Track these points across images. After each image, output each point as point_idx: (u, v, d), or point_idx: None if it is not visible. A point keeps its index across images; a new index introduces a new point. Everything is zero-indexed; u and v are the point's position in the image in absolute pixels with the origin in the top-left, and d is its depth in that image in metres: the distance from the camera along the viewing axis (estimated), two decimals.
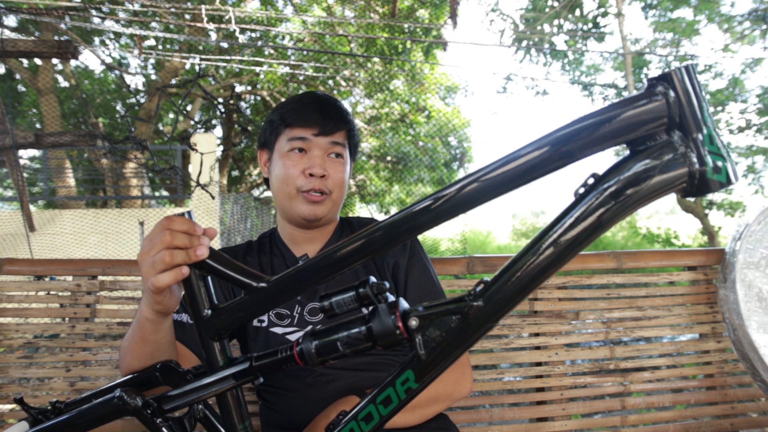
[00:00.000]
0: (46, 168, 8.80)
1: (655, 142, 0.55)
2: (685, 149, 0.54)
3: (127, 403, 0.74)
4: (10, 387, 1.28)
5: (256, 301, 0.70)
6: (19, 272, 1.32)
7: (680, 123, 0.54)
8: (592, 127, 0.55)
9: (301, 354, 0.66)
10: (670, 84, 0.54)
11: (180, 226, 0.70)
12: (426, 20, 9.48)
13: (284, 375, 1.02)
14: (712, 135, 0.54)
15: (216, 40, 8.51)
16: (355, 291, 0.64)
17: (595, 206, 0.55)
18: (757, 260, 1.43)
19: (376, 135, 10.66)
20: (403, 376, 0.63)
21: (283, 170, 1.04)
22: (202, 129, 9.77)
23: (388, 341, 0.63)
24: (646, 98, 0.54)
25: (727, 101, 8.92)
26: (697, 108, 0.54)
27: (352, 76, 10.11)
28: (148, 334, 0.80)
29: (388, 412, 0.64)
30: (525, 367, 1.43)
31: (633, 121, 0.54)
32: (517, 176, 0.57)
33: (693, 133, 0.54)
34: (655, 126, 0.54)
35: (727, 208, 8.79)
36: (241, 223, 9.45)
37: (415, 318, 0.61)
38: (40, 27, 8.35)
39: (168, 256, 0.68)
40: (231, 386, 0.72)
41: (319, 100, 1.07)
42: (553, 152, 0.56)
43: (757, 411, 1.50)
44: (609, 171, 0.56)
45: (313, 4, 9.70)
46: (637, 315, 1.49)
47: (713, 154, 0.54)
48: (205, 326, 0.72)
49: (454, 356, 0.61)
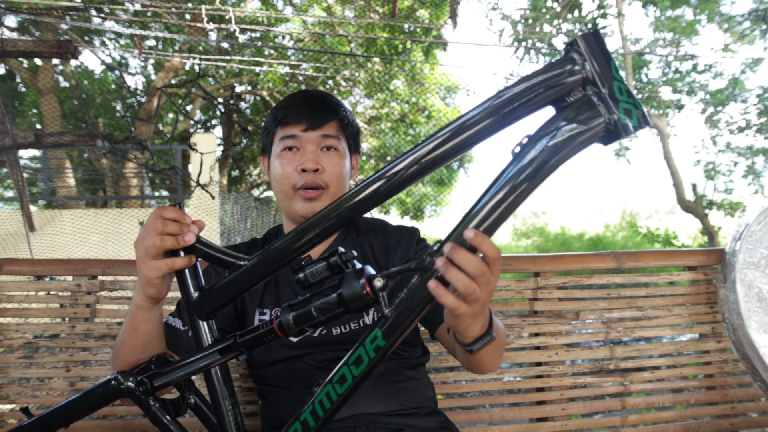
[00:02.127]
0: (46, 168, 8.80)
1: (574, 99, 0.63)
2: (600, 101, 0.61)
3: (122, 383, 0.80)
4: (10, 387, 1.28)
5: (238, 277, 0.76)
6: (19, 272, 1.32)
7: (592, 79, 0.62)
8: (521, 93, 0.63)
9: (281, 325, 0.71)
10: (579, 48, 0.62)
11: (170, 214, 0.77)
12: (426, 20, 9.48)
13: (284, 375, 1.02)
14: (621, 86, 0.61)
15: (216, 40, 8.51)
16: (326, 261, 0.69)
17: (531, 163, 0.62)
18: (757, 260, 1.43)
19: (376, 135, 10.66)
20: (371, 335, 0.67)
21: (279, 170, 1.04)
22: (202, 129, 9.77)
23: (358, 304, 0.67)
24: (563, 63, 0.63)
25: (727, 101, 8.93)
26: (606, 65, 0.61)
27: (352, 76, 10.11)
28: (139, 323, 0.83)
29: (361, 372, 0.68)
30: (525, 367, 1.43)
31: (553, 83, 0.62)
32: (465, 143, 0.65)
33: (604, 86, 0.61)
34: (572, 84, 0.62)
35: (727, 208, 8.79)
36: (241, 223, 9.45)
37: (380, 279, 0.66)
38: (40, 27, 8.35)
39: (159, 241, 0.75)
40: (217, 361, 0.77)
41: (307, 95, 1.07)
42: (495, 119, 0.64)
43: (757, 411, 1.50)
44: (539, 130, 0.63)
45: (313, 4, 9.70)
46: (637, 315, 1.49)
47: (624, 102, 0.61)
48: (194, 307, 0.78)
49: (416, 312, 0.65)
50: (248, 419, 1.29)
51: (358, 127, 1.13)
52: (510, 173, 0.62)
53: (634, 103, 0.60)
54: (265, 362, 1.04)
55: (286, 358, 1.02)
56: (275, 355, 1.03)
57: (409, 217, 11.54)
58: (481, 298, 0.64)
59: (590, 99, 0.61)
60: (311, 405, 0.70)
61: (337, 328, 1.02)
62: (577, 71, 0.62)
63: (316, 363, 1.00)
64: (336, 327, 1.02)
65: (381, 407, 0.97)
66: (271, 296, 1.06)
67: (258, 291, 1.07)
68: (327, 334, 1.02)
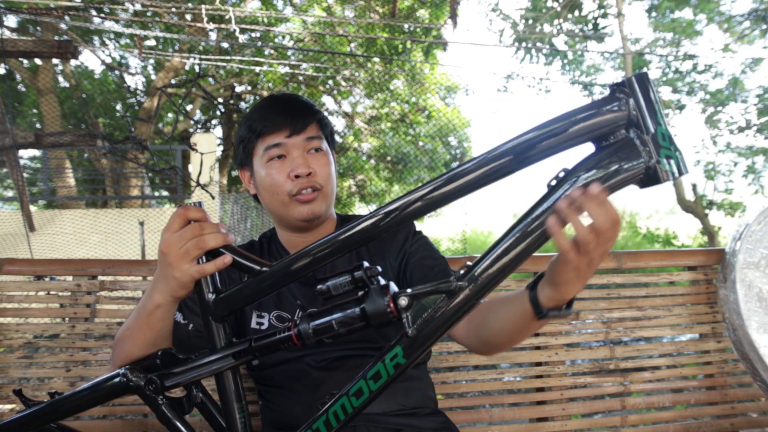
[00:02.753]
0: (46, 168, 8.80)
1: (616, 139, 0.63)
2: (642, 145, 0.62)
3: (131, 380, 0.79)
4: (10, 387, 1.28)
5: (257, 284, 0.75)
6: (19, 272, 1.32)
7: (637, 122, 0.62)
8: (563, 127, 0.63)
9: (299, 334, 0.71)
10: (628, 89, 0.62)
11: (197, 214, 0.77)
12: (426, 20, 9.47)
13: (285, 376, 1.02)
14: (665, 132, 0.61)
15: (216, 40, 8.51)
16: (351, 274, 0.69)
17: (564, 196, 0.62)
18: (757, 260, 1.43)
19: (376, 135, 10.66)
20: (392, 352, 0.68)
21: (269, 180, 1.02)
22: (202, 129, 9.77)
23: (380, 320, 0.67)
24: (608, 102, 0.63)
25: (727, 101, 8.92)
26: (652, 109, 0.62)
27: (352, 76, 10.10)
28: (155, 321, 0.82)
29: (378, 387, 0.68)
30: (525, 367, 1.43)
31: (597, 121, 0.63)
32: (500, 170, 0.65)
33: (648, 131, 0.61)
34: (616, 125, 0.63)
35: (727, 208, 8.78)
36: (241, 223, 9.45)
37: (405, 298, 0.66)
38: (40, 27, 8.35)
39: (201, 243, 0.75)
40: (230, 365, 0.76)
41: (280, 101, 1.05)
42: (529, 150, 0.64)
43: (757, 411, 1.50)
44: (578, 165, 0.64)
45: (313, 4, 9.70)
46: (637, 315, 1.48)
47: (666, 149, 0.61)
48: (209, 308, 0.78)
49: (439, 333, 0.66)
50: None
51: (331, 124, 1.12)
52: (545, 205, 0.63)
53: (675, 150, 0.61)
54: (265, 363, 1.04)
55: (286, 360, 1.02)
56: (275, 357, 1.02)
57: None
58: (592, 254, 0.63)
59: (633, 141, 0.62)
60: (325, 415, 0.71)
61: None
62: (624, 113, 0.62)
63: (316, 363, 1.00)
64: None
65: (381, 407, 0.97)
66: (270, 301, 1.06)
67: None
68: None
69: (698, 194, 8.51)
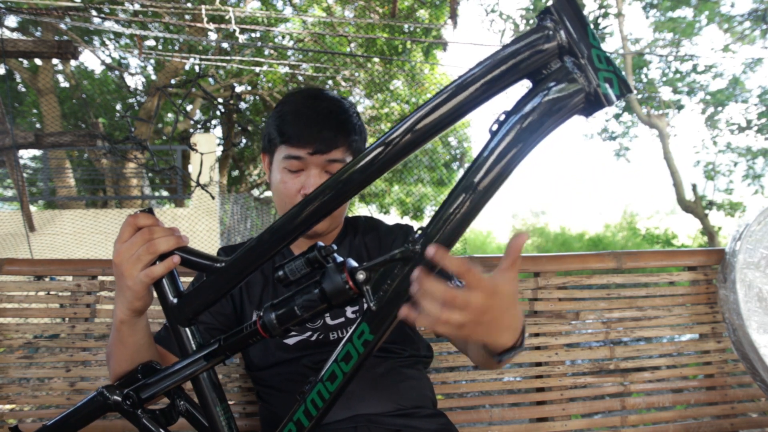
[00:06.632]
0: (46, 168, 8.80)
1: (551, 70, 0.59)
2: (579, 71, 0.58)
3: (108, 398, 0.78)
4: (10, 387, 1.28)
5: (216, 281, 0.74)
6: (19, 272, 1.32)
7: (570, 48, 0.58)
8: (491, 68, 0.59)
9: (264, 326, 0.69)
10: (555, 15, 0.58)
11: (146, 220, 0.75)
12: (426, 20, 9.48)
13: (284, 378, 1.02)
14: (600, 54, 0.57)
15: (216, 40, 8.51)
16: (304, 256, 0.67)
17: (510, 139, 0.58)
18: (757, 260, 1.43)
19: (376, 135, 10.66)
20: (358, 330, 0.65)
21: (282, 187, 1.00)
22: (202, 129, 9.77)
23: (341, 298, 0.65)
24: (536, 32, 0.58)
25: (727, 101, 8.93)
26: (583, 32, 0.57)
27: (352, 76, 10.11)
28: (125, 336, 0.80)
29: (351, 368, 0.66)
30: (525, 367, 1.43)
31: (527, 55, 0.58)
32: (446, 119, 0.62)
33: (582, 54, 0.57)
34: (549, 55, 0.58)
35: (727, 208, 8.79)
36: (241, 223, 9.45)
37: (362, 272, 0.64)
38: (40, 27, 8.35)
39: (152, 248, 0.72)
40: (204, 368, 0.75)
41: (317, 111, 0.98)
42: (469, 95, 0.60)
43: (757, 411, 1.50)
44: (516, 105, 0.60)
45: (313, 4, 9.70)
46: (637, 315, 1.48)
47: (604, 71, 0.57)
48: (174, 313, 0.76)
49: (401, 302, 0.62)
50: (248, 419, 1.29)
51: (365, 140, 1.05)
52: (489, 151, 0.59)
53: (614, 71, 0.57)
54: (262, 365, 1.04)
55: (283, 361, 1.02)
56: (272, 358, 1.03)
57: (409, 217, 11.53)
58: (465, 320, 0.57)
59: (568, 69, 0.58)
60: (303, 405, 0.69)
61: (334, 332, 1.02)
62: (553, 41, 0.58)
63: (313, 365, 1.00)
64: (333, 331, 1.02)
65: (380, 408, 0.97)
66: (268, 297, 1.06)
67: (256, 292, 1.07)
68: (324, 338, 1.02)
69: (698, 194, 8.51)
